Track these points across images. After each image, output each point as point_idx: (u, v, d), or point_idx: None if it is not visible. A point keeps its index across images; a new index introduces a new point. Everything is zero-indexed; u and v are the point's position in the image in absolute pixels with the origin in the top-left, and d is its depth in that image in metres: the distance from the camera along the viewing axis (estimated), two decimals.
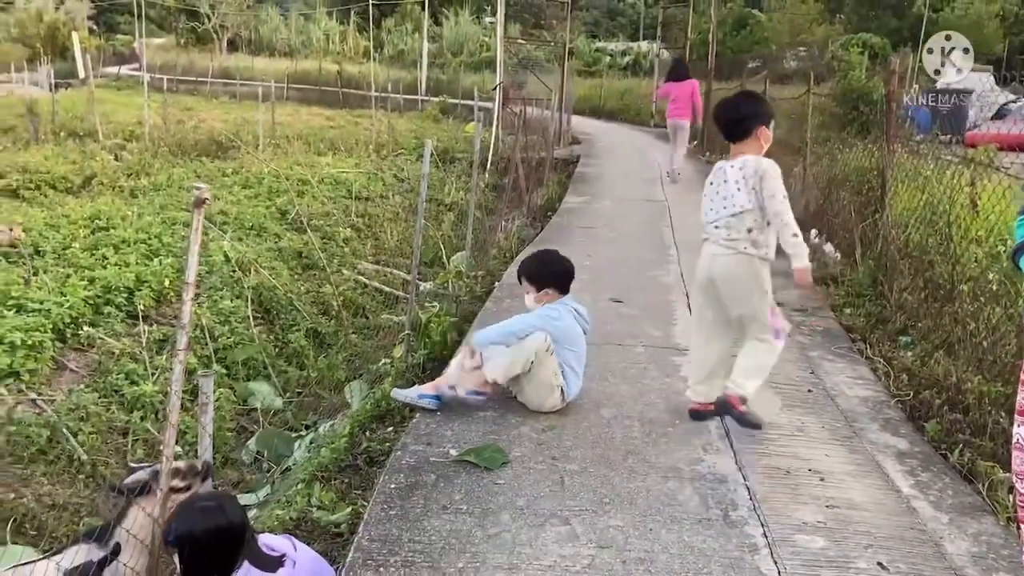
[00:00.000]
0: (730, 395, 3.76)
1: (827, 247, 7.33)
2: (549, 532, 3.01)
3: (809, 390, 4.52)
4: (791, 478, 3.51)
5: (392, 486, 3.31)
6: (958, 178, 5.58)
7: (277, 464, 4.92)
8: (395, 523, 3.04)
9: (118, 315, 6.59)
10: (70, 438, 4.85)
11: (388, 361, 5.45)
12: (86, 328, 6.22)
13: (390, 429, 4.14)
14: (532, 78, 20.16)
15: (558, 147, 15.48)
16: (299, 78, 37.05)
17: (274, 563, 2.68)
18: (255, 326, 6.84)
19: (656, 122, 22.95)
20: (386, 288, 8.41)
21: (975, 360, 4.50)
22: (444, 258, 8.76)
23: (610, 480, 3.41)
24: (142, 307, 6.71)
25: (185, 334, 2.85)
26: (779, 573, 2.82)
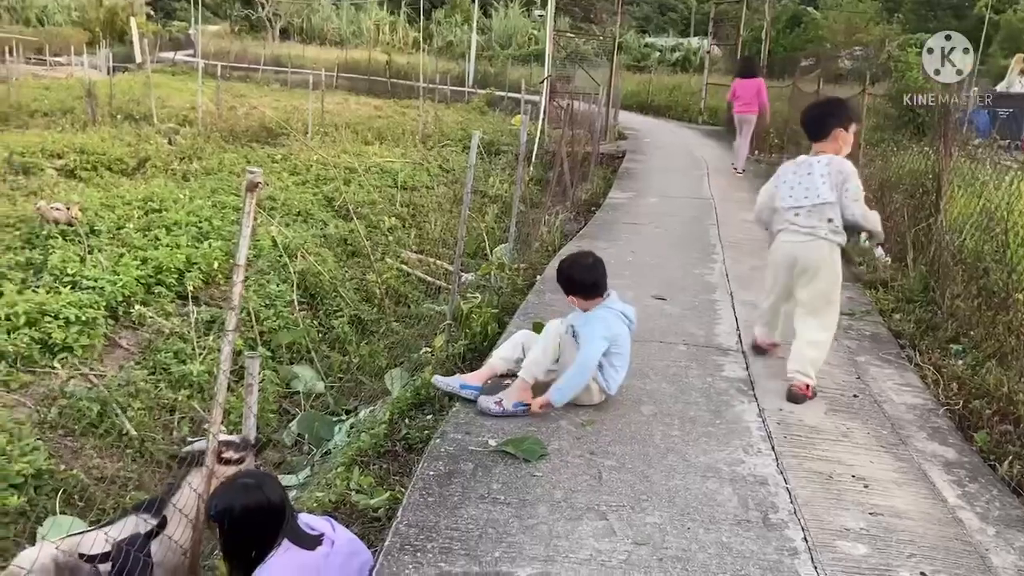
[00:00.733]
0: (798, 385, 4.22)
1: (878, 251, 7.18)
2: (586, 526, 3.01)
3: (855, 395, 4.44)
4: (834, 483, 3.46)
5: (431, 473, 3.34)
6: (1017, 184, 5.44)
7: (317, 447, 5.00)
8: (433, 510, 3.07)
9: (168, 295, 6.76)
10: (120, 413, 4.98)
11: (428, 350, 5.48)
12: (137, 307, 6.39)
13: (429, 417, 4.18)
14: (580, 72, 20.00)
15: (604, 142, 15.36)
16: (349, 67, 37.44)
17: (313, 542, 2.74)
18: (300, 311, 6.95)
19: (705, 119, 22.69)
20: (428, 278, 8.46)
21: None
22: (487, 250, 8.78)
23: (648, 477, 3.39)
24: (191, 288, 6.87)
25: (235, 315, 2.91)
26: None
